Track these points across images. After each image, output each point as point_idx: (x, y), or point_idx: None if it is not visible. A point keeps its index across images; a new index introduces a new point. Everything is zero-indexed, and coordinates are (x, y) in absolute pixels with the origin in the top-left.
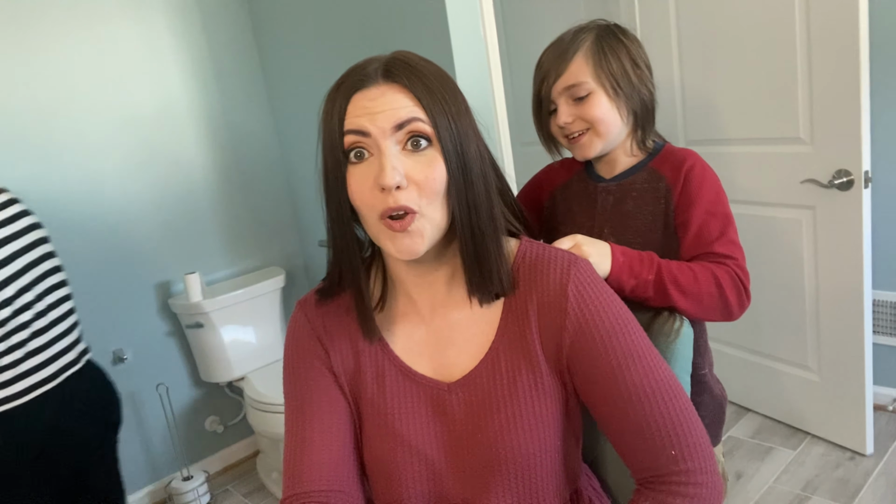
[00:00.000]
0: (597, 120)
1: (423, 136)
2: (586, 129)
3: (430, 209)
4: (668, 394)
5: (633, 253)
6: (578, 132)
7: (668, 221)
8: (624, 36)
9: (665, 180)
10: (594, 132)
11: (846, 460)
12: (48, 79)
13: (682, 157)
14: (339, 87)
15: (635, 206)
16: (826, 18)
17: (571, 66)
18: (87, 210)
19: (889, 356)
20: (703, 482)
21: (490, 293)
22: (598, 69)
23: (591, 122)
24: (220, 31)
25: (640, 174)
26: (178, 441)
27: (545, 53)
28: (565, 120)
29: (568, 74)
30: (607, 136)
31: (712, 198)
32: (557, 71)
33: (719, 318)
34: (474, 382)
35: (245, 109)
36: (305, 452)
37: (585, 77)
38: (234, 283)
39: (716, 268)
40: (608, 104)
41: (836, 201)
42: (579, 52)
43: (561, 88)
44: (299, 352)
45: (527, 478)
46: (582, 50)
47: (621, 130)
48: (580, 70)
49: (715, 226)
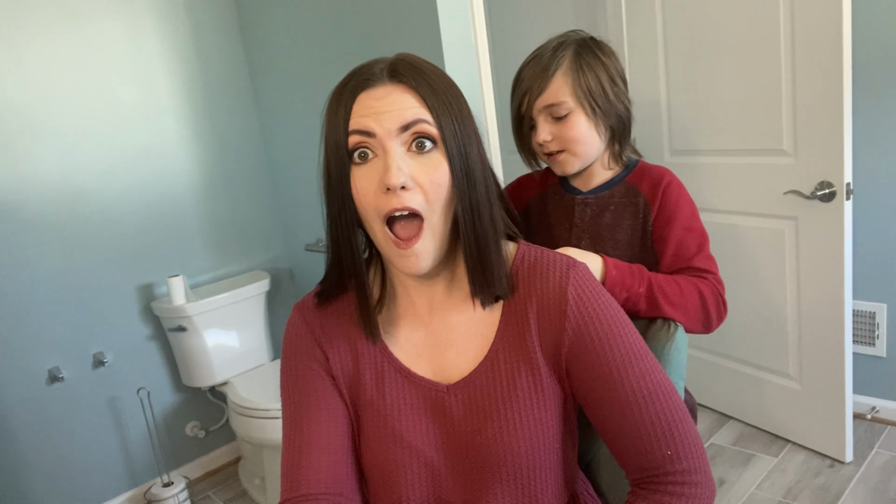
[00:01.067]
0: (574, 140)
1: (429, 137)
2: (564, 149)
3: (435, 216)
4: (663, 395)
5: (624, 265)
6: (557, 150)
7: (645, 236)
8: (600, 51)
9: (643, 196)
10: (571, 152)
11: (826, 468)
12: (28, 75)
13: (659, 174)
14: (344, 86)
15: (613, 219)
16: (810, 33)
17: (551, 86)
18: (69, 210)
19: (867, 365)
20: (698, 482)
21: (492, 295)
22: (576, 88)
23: (568, 143)
24: (207, 31)
25: (618, 188)
26: (159, 446)
27: (525, 69)
28: (544, 138)
29: (548, 93)
30: (585, 155)
31: (688, 214)
32: (538, 89)
33: (700, 330)
34: (473, 384)
35: (231, 111)
36: (303, 455)
37: (565, 97)
38: (219, 287)
39: (698, 281)
40: (586, 123)
41: (818, 212)
42: (559, 70)
43: (541, 106)
44: (297, 355)
45: (526, 480)
46: (562, 68)
47: (599, 147)
48: (560, 89)
49: (693, 241)
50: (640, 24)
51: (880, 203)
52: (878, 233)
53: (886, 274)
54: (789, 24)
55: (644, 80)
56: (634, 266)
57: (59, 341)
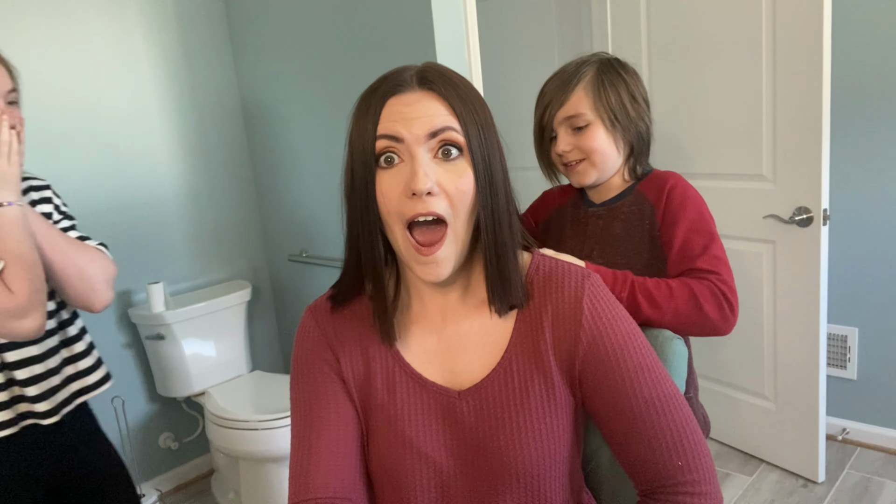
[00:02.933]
0: (593, 150)
1: (455, 145)
2: (583, 158)
3: (458, 222)
4: (674, 406)
5: (607, 271)
6: (575, 160)
7: (653, 240)
8: (624, 71)
9: (649, 201)
10: (589, 162)
11: (799, 487)
12: None
13: (665, 178)
14: (373, 91)
15: (623, 229)
16: (790, 60)
17: (572, 98)
18: None
19: (839, 387)
20: (708, 492)
21: (508, 303)
22: (597, 102)
23: (587, 153)
24: (196, 39)
25: (628, 198)
26: (131, 457)
27: (548, 83)
28: (563, 148)
29: (568, 105)
30: (602, 166)
31: (695, 216)
32: (559, 101)
33: (702, 333)
34: (485, 391)
35: (217, 120)
36: (312, 459)
37: (585, 109)
38: (199, 295)
39: (695, 283)
40: (605, 136)
41: (795, 237)
42: (580, 84)
43: (561, 118)
44: (308, 357)
45: (535, 487)
46: (583, 82)
47: (617, 161)
48: (580, 102)
49: (698, 242)
50: (623, 51)
51: (853, 229)
52: (851, 258)
53: (858, 298)
54: (771, 51)
55: None
56: (619, 272)
57: None
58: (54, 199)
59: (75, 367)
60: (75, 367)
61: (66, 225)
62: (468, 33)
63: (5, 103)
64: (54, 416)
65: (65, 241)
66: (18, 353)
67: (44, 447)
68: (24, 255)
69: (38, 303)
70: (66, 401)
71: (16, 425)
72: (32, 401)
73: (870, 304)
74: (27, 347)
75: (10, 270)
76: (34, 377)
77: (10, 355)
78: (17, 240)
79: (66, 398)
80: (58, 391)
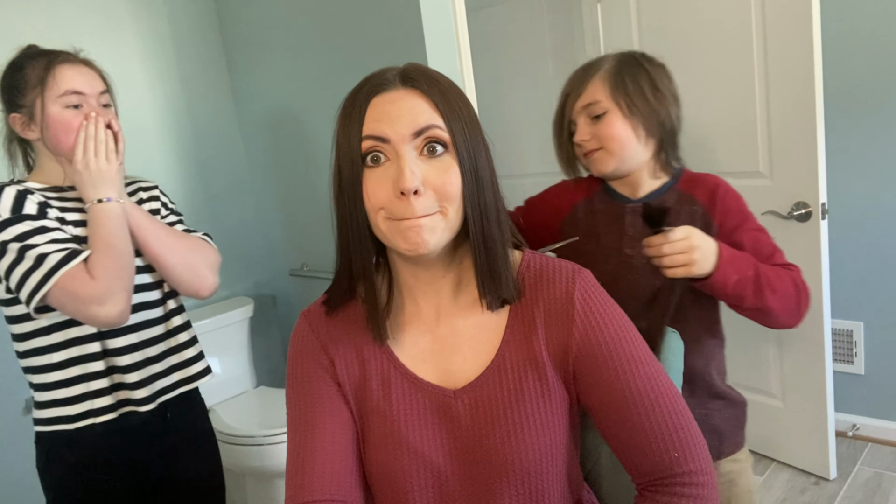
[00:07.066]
0: (610, 138)
1: (440, 142)
2: (601, 147)
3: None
4: (669, 398)
5: (734, 250)
6: (594, 148)
7: None
8: (647, 62)
9: (699, 204)
10: (607, 150)
11: (811, 485)
12: None
13: (713, 182)
14: (357, 92)
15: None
16: (783, 57)
17: (590, 87)
18: None
19: (846, 383)
20: (704, 482)
21: (499, 297)
22: (614, 90)
23: (604, 140)
24: (192, 54)
25: (668, 196)
26: None
27: (571, 75)
28: (582, 137)
29: (586, 94)
30: (620, 153)
31: (752, 217)
32: (577, 91)
33: (786, 322)
34: (480, 389)
35: (216, 136)
36: (308, 462)
37: (601, 96)
38: (201, 313)
39: (790, 272)
40: (623, 123)
41: (795, 232)
42: (599, 73)
43: (580, 107)
44: (303, 361)
45: (533, 484)
46: (601, 71)
47: (638, 150)
48: (597, 90)
49: (766, 240)
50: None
51: (855, 222)
52: (854, 251)
53: (863, 292)
54: (762, 48)
55: None
56: (742, 252)
57: None
58: (161, 198)
59: (179, 357)
60: (179, 356)
61: (173, 220)
62: (460, 45)
63: (99, 105)
64: (151, 404)
65: (169, 234)
66: (122, 341)
67: (144, 438)
68: (112, 245)
69: (119, 290)
70: (166, 389)
71: (115, 411)
72: (131, 387)
73: (874, 298)
74: (130, 335)
75: (95, 258)
76: (135, 364)
77: (114, 342)
78: (110, 232)
79: (167, 387)
80: (158, 379)
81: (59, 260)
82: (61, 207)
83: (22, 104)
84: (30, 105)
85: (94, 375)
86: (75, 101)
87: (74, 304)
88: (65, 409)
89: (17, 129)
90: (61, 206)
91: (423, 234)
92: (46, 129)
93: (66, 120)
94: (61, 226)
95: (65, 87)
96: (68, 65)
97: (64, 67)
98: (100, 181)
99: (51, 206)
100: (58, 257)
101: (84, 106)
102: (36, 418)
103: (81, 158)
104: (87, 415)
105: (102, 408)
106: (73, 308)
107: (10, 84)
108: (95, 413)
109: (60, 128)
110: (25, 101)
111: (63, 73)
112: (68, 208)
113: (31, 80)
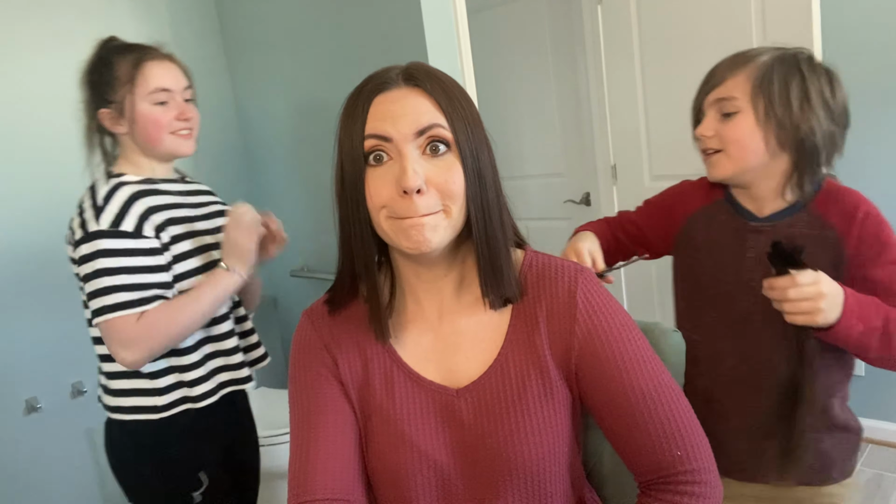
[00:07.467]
0: (733, 141)
1: (443, 141)
2: (721, 149)
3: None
4: (671, 396)
5: (861, 296)
6: (712, 150)
7: (836, 275)
8: (808, 68)
9: (834, 230)
10: (726, 154)
11: None
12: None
13: (854, 202)
14: (360, 91)
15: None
16: None
17: (730, 80)
18: (47, 235)
19: None
20: (707, 480)
21: (502, 296)
22: (755, 89)
23: (725, 143)
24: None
25: (800, 216)
26: None
27: (722, 59)
28: (704, 132)
29: (724, 87)
30: (741, 161)
31: (894, 245)
32: (717, 81)
33: None
34: (483, 388)
35: (215, 140)
36: (311, 460)
37: (738, 93)
38: None
39: None
40: (752, 128)
41: None
42: (746, 67)
43: (713, 99)
44: (306, 360)
45: (536, 483)
46: (750, 66)
47: (764, 163)
48: (736, 86)
49: None
50: (616, 56)
51: None
52: None
53: None
54: None
55: (623, 106)
56: (870, 297)
57: (36, 370)
58: None
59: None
60: (246, 341)
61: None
62: (461, 48)
63: (183, 101)
64: (252, 382)
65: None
66: (226, 326)
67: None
68: (202, 309)
69: (149, 348)
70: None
71: (216, 394)
72: (235, 368)
73: None
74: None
75: (160, 311)
76: (236, 347)
77: (216, 329)
78: (217, 296)
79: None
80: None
81: (122, 301)
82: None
83: (111, 100)
84: (119, 101)
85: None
86: (163, 97)
87: (107, 337)
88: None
89: (106, 123)
90: (155, 203)
91: (426, 233)
92: (135, 125)
93: (156, 117)
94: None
95: (153, 84)
96: (156, 62)
97: (152, 65)
98: (239, 256)
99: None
100: (122, 298)
101: (170, 102)
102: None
103: (232, 233)
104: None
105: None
106: (104, 336)
107: (99, 80)
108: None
109: (150, 124)
110: (115, 97)
111: (151, 70)
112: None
113: (120, 76)
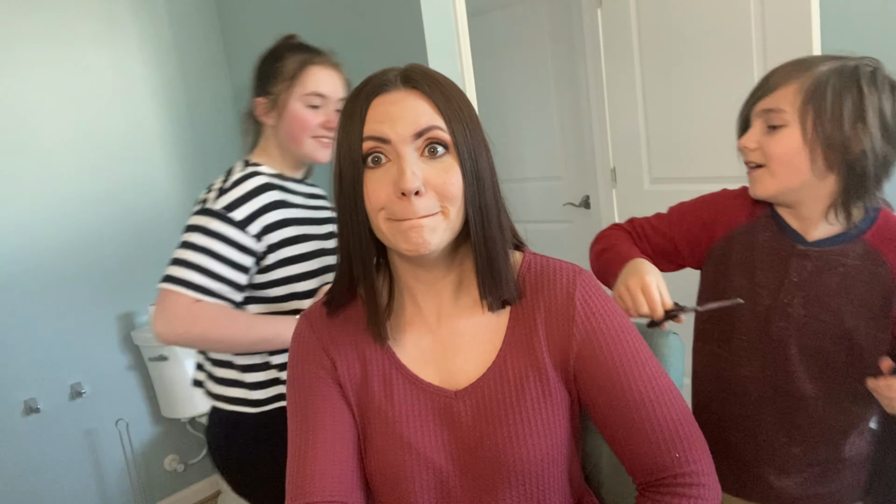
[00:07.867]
0: (775, 156)
1: (442, 143)
2: (764, 164)
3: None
4: (670, 398)
5: None
6: (754, 164)
7: (884, 314)
8: (869, 80)
9: (887, 266)
10: (769, 170)
11: None
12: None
13: None
14: (358, 93)
15: (842, 284)
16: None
17: (780, 91)
18: (48, 237)
19: None
20: (705, 483)
21: (500, 298)
22: (806, 102)
23: (768, 158)
24: (195, 61)
25: (853, 247)
26: (136, 480)
27: (781, 65)
28: (747, 143)
29: (773, 96)
30: (785, 180)
31: None
32: (767, 89)
33: None
34: (482, 390)
35: (217, 141)
36: (309, 463)
37: (786, 106)
38: None
39: None
40: (798, 145)
41: None
42: (800, 78)
43: (760, 109)
44: (304, 362)
45: (535, 485)
46: (804, 77)
47: (809, 183)
48: (786, 97)
49: None
50: (617, 56)
51: None
52: None
53: None
54: (762, 49)
55: (622, 109)
56: None
57: (35, 372)
58: None
59: None
60: None
61: None
62: (461, 50)
63: (334, 110)
64: None
65: None
66: None
67: None
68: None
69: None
70: None
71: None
72: None
73: None
74: None
75: (214, 309)
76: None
77: None
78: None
79: None
80: None
81: (189, 280)
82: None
83: (270, 91)
84: (276, 94)
85: None
86: (317, 102)
87: (158, 302)
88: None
89: (257, 111)
90: (278, 198)
91: (425, 235)
92: (283, 120)
93: (304, 117)
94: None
95: (311, 87)
96: (321, 67)
97: (316, 69)
98: None
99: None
100: (191, 277)
101: (322, 108)
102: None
103: None
104: None
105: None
106: (157, 299)
107: (267, 71)
108: None
109: (297, 123)
110: (274, 89)
111: (314, 73)
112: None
113: (285, 72)
